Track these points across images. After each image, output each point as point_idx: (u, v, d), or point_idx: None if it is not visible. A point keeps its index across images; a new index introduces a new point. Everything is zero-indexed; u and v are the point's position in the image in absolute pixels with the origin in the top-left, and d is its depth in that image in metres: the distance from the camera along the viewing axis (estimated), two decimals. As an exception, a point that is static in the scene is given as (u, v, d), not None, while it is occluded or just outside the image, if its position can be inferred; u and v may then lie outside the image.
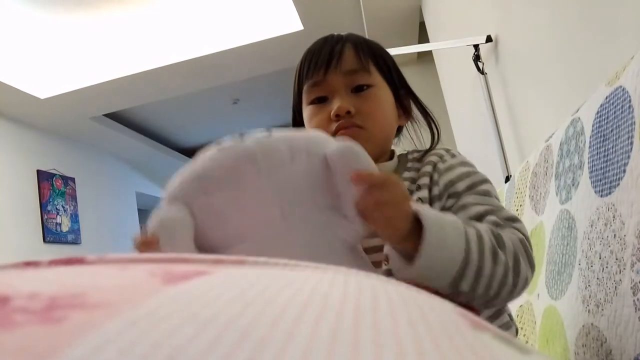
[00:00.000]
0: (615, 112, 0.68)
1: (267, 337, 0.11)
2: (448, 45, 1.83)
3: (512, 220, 0.61)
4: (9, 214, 3.95)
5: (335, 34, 0.74)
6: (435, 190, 0.65)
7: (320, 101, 0.70)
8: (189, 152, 6.78)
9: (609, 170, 0.68)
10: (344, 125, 0.67)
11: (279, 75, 4.53)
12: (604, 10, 0.99)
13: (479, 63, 1.74)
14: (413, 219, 0.50)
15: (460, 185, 0.64)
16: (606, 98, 0.71)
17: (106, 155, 5.60)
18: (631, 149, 0.62)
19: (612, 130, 0.69)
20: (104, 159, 5.56)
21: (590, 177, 0.73)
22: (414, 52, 3.32)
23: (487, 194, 0.64)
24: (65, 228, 4.56)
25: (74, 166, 4.94)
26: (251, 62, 3.97)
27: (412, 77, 0.84)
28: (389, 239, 0.52)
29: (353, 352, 0.11)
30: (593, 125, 0.75)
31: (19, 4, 2.91)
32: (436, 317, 0.14)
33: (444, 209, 0.64)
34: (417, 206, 0.52)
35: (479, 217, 0.60)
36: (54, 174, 4.58)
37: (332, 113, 0.67)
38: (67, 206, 4.65)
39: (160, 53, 3.70)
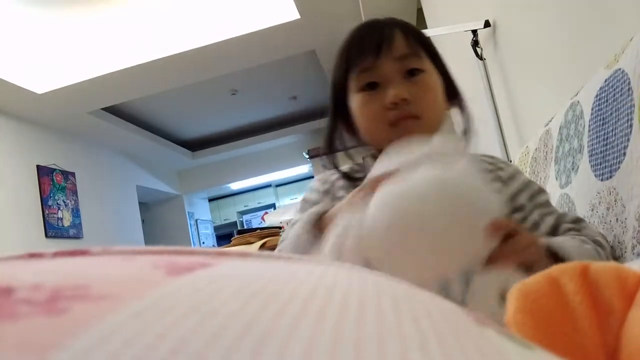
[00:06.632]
0: (614, 95, 0.68)
1: (270, 330, 0.11)
2: (446, 32, 1.81)
3: (579, 219, 0.64)
4: (10, 210, 3.96)
5: (380, 18, 0.71)
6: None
7: (371, 88, 0.67)
8: (188, 144, 6.77)
9: (609, 153, 0.68)
10: (402, 115, 0.65)
11: (276, 65, 4.51)
12: (603, -8, 0.98)
13: (477, 48, 1.73)
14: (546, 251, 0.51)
15: (522, 198, 0.66)
16: (605, 81, 0.71)
17: (106, 149, 5.60)
18: (631, 131, 0.62)
19: (611, 113, 0.68)
20: (104, 153, 5.56)
21: (590, 161, 0.73)
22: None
23: (546, 203, 0.66)
24: (66, 223, 4.57)
25: (74, 161, 4.94)
26: (248, 53, 3.95)
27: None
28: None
29: (356, 346, 0.11)
30: (592, 109, 0.74)
31: (14, 0, 2.89)
32: (440, 312, 0.15)
33: None
34: (546, 239, 0.54)
35: (554, 230, 0.63)
36: (54, 169, 4.58)
37: (388, 101, 0.65)
38: (67, 201, 4.66)
39: (157, 45, 3.68)
